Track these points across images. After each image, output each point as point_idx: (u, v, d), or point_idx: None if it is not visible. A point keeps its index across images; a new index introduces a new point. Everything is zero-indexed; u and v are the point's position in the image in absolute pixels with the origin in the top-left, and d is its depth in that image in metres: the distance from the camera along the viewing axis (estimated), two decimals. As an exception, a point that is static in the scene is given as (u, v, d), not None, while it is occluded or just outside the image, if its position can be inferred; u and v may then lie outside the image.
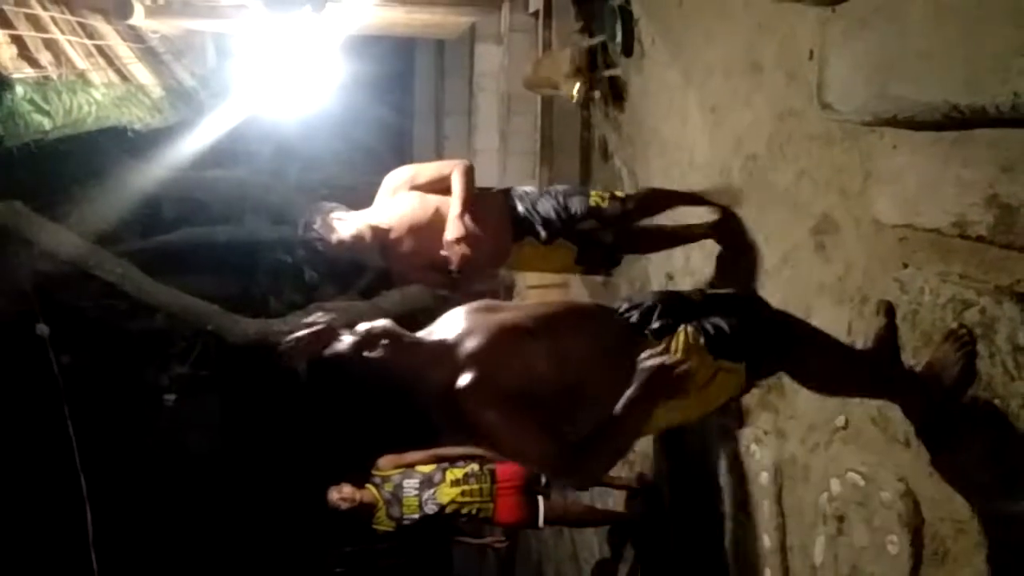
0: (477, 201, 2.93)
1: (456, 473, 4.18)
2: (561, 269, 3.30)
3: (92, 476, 5.06)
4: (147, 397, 7.54)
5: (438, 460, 4.19)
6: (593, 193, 3.09)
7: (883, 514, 2.26)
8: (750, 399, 3.05)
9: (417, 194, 2.98)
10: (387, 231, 2.94)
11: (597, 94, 4.45)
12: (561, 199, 3.03)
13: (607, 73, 4.34)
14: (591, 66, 4.43)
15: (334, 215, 2.93)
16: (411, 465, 4.19)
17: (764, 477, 2.95)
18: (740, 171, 3.09)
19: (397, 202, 2.97)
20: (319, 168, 8.03)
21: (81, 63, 3.27)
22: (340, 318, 1.83)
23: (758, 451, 2.99)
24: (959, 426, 1.96)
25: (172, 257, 7.16)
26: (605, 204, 3.03)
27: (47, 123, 2.73)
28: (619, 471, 4.49)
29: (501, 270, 5.00)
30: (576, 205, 3.01)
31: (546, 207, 3.00)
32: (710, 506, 3.40)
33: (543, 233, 2.97)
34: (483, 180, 6.78)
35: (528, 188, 3.16)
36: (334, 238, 2.90)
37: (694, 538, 3.57)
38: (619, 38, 4.11)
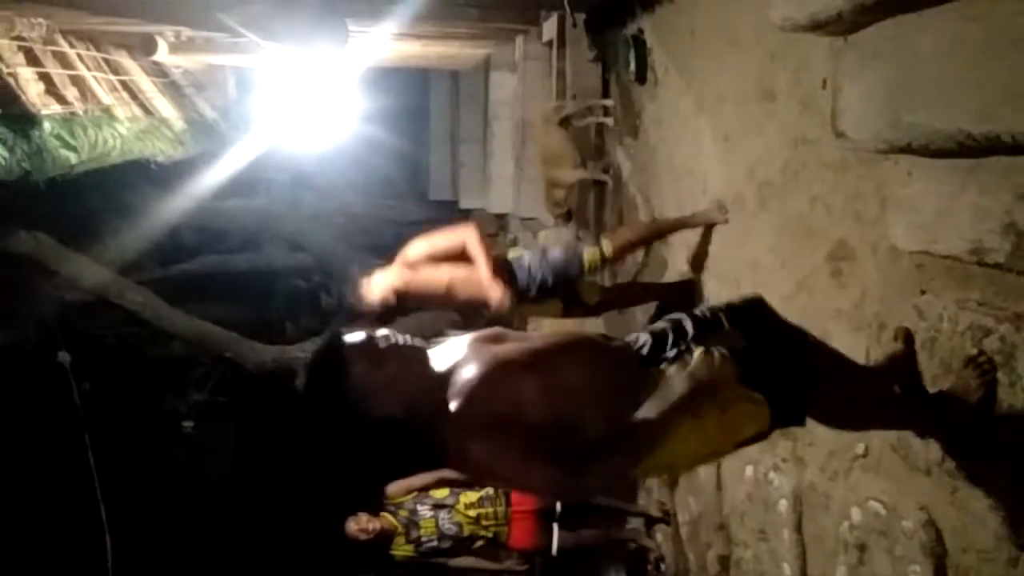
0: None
1: (470, 497, 4.17)
2: (554, 316, 3.67)
3: (111, 502, 5.09)
4: (166, 424, 7.59)
5: (447, 483, 4.18)
6: (587, 254, 3.42)
7: (905, 544, 2.23)
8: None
9: (433, 266, 3.29)
10: (410, 296, 3.27)
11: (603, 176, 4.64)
12: (558, 264, 3.39)
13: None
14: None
15: (362, 282, 3.28)
16: (422, 489, 4.18)
17: (783, 505, 2.92)
18: (754, 198, 3.11)
19: (417, 274, 3.28)
20: (335, 196, 8.13)
21: (106, 98, 3.35)
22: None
23: (776, 479, 2.97)
24: (981, 455, 1.95)
25: (191, 285, 7.26)
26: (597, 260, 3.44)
27: (73, 157, 2.80)
28: (638, 498, 4.47)
29: None
30: (571, 269, 3.40)
31: (543, 275, 3.37)
32: (728, 535, 3.38)
33: (535, 294, 3.38)
34: (499, 206, 6.81)
35: (527, 259, 3.45)
36: (365, 306, 3.24)
37: (712, 567, 3.53)
38: (633, 67, 4.16)
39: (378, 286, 3.21)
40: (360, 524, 4.07)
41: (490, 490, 4.19)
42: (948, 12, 1.75)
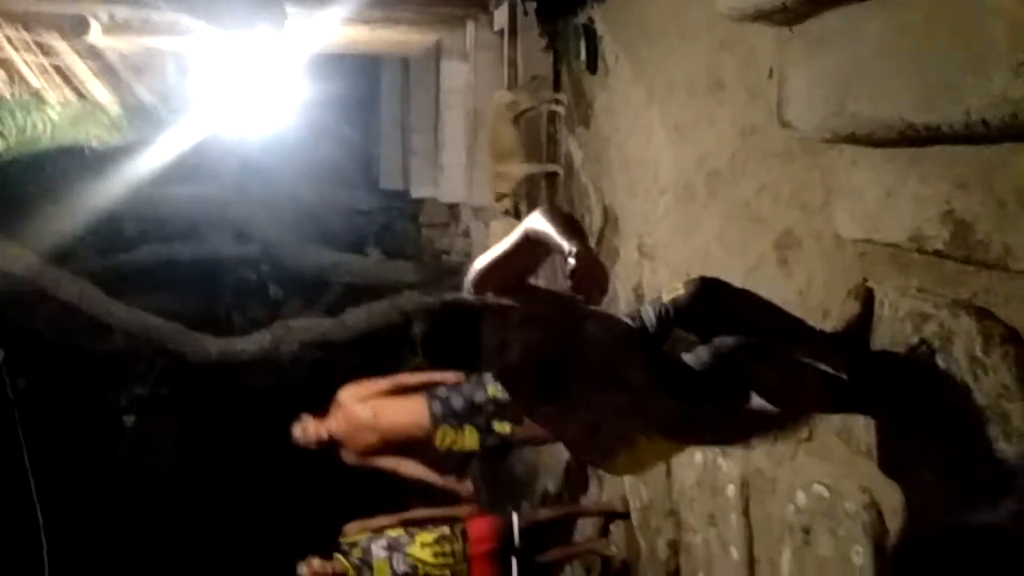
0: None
1: (426, 537, 4.08)
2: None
3: (49, 501, 4.92)
4: (106, 419, 7.37)
5: (406, 524, 4.13)
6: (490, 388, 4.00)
7: (848, 525, 2.28)
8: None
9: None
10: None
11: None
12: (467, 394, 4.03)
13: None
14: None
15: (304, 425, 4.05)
16: (378, 530, 4.12)
17: (731, 490, 2.96)
18: (703, 188, 3.13)
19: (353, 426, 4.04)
20: (283, 184, 7.97)
21: (36, 82, 3.20)
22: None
23: (724, 464, 3.01)
24: (920, 437, 2.00)
25: (133, 275, 7.03)
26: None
27: (1, 144, 2.67)
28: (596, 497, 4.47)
29: None
30: (480, 396, 4.04)
31: (457, 402, 4.05)
32: (678, 521, 3.42)
33: (455, 422, 4.06)
34: (450, 196, 6.78)
35: (436, 405, 4.08)
36: (308, 443, 4.06)
37: (662, 553, 3.57)
38: (584, 56, 4.15)
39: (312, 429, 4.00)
40: (312, 568, 3.98)
41: (446, 529, 4.15)
42: (891, 1, 1.77)
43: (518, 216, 5.10)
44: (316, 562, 3.99)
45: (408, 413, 4.25)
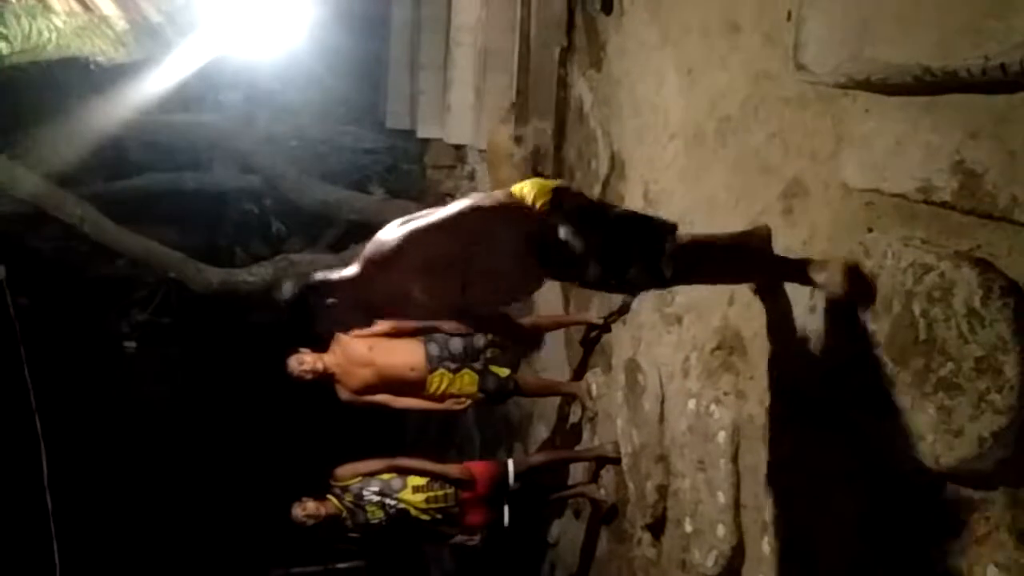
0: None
1: (418, 481, 4.13)
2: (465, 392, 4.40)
3: (47, 416, 5.00)
4: (107, 342, 7.42)
5: (396, 469, 4.18)
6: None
7: (834, 473, 2.31)
8: (711, 360, 3.09)
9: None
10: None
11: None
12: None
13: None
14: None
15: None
16: (370, 474, 4.17)
17: (722, 436, 2.99)
18: (713, 133, 3.09)
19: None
20: (290, 118, 7.88)
21: (41, -11, 3.14)
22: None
23: (717, 411, 3.04)
24: (911, 386, 2.01)
25: (136, 202, 7.01)
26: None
27: (5, 47, 2.63)
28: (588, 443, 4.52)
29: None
30: (479, 341, 4.32)
31: (456, 346, 4.31)
32: (667, 467, 3.47)
33: (453, 365, 4.33)
34: (457, 137, 6.68)
35: (434, 347, 4.34)
36: (303, 374, 4.24)
37: (650, 496, 3.63)
38: (599, -6, 4.06)
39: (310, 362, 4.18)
40: (307, 510, 4.04)
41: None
42: (918, -60, 1.73)
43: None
44: (311, 504, 4.06)
45: (405, 354, 4.31)
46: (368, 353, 4.27)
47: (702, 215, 3.17)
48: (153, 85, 4.94)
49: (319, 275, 2.40)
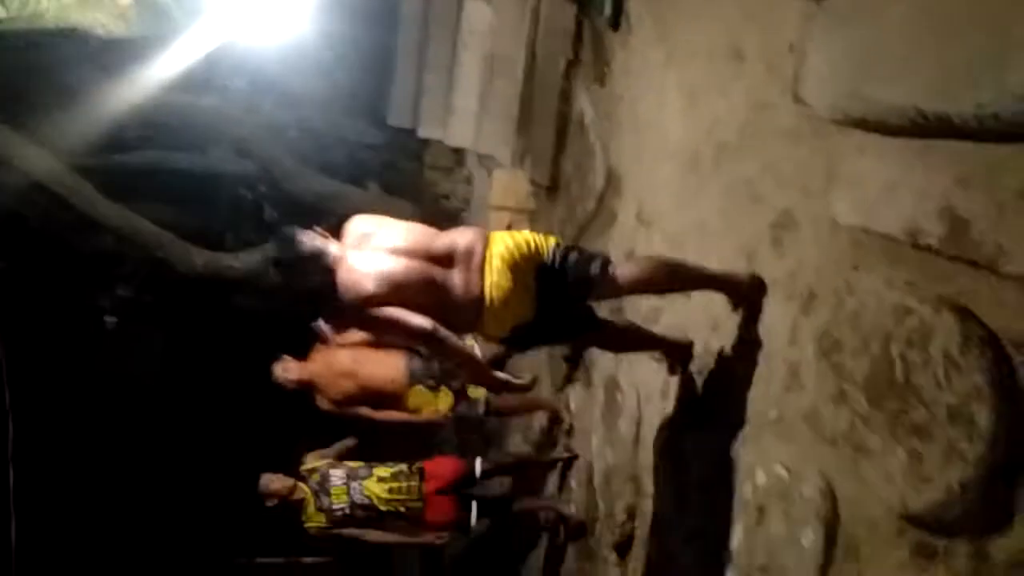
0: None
1: (383, 471, 4.15)
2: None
3: (17, 385, 4.93)
4: (86, 316, 7.35)
5: (364, 458, 4.20)
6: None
7: (801, 508, 2.30)
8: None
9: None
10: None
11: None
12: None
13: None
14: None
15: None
16: (337, 459, 4.21)
17: (694, 465, 2.98)
18: (710, 158, 3.09)
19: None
20: (294, 107, 7.84)
21: (44, -43, 3.11)
22: None
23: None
24: (883, 429, 2.00)
25: (127, 178, 6.95)
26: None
27: (1, 11, 2.60)
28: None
29: None
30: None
31: (436, 365, 4.29)
32: (638, 487, 3.45)
33: (432, 383, 4.37)
34: (457, 140, 6.66)
35: (415, 363, 4.37)
36: (287, 383, 4.35)
37: (619, 516, 3.61)
38: (608, 11, 4.06)
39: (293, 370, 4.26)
40: (273, 485, 4.05)
41: (404, 466, 4.19)
42: (922, -18, 1.73)
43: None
44: (280, 478, 4.07)
45: (387, 367, 4.32)
46: (351, 364, 4.29)
47: (692, 239, 3.17)
48: (156, 65, 4.90)
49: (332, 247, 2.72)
